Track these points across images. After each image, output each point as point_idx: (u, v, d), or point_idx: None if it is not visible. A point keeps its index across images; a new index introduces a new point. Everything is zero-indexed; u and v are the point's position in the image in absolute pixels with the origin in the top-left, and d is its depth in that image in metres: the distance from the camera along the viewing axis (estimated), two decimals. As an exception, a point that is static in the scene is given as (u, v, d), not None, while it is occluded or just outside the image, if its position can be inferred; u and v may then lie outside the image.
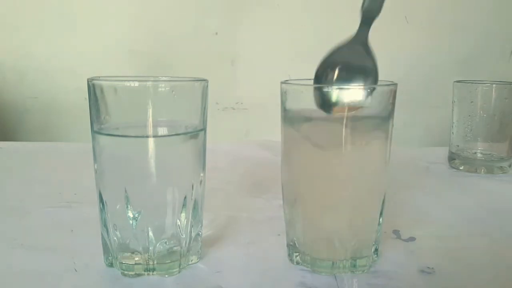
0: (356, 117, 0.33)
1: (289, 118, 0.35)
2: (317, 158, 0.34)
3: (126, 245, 0.34)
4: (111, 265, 0.35)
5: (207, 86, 0.35)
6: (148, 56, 0.99)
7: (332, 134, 0.33)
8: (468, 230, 0.44)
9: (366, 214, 0.35)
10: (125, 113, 0.34)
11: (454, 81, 0.65)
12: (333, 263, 0.34)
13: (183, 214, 0.35)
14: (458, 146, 0.65)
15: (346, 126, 0.33)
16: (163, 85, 0.34)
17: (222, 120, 0.98)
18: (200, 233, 0.37)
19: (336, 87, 0.34)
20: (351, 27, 0.36)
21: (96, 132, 0.34)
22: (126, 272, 0.34)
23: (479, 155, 0.64)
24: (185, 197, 0.34)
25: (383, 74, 0.36)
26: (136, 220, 0.33)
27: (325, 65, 0.37)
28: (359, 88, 0.35)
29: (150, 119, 0.33)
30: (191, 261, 0.36)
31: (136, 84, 0.33)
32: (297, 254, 0.36)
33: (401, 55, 0.97)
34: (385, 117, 0.34)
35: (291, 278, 0.34)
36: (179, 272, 0.35)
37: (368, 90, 0.34)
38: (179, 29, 0.98)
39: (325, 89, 0.34)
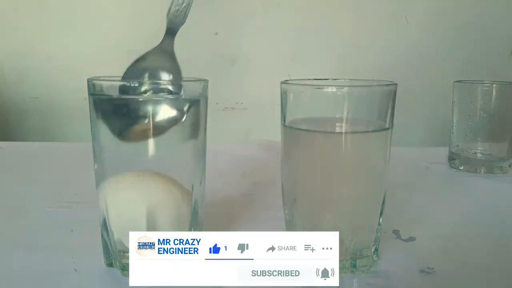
0: (356, 118, 0.33)
1: (289, 118, 0.35)
2: (317, 158, 0.34)
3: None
4: (111, 265, 0.35)
5: (207, 86, 0.35)
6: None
7: (331, 134, 0.33)
8: (468, 230, 0.44)
9: (366, 214, 0.35)
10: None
11: (454, 81, 0.65)
12: (333, 263, 0.34)
13: (183, 214, 0.34)
14: (458, 146, 0.65)
15: (346, 127, 0.33)
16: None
17: (222, 120, 0.98)
18: (200, 233, 0.37)
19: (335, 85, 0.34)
20: (351, 27, 0.36)
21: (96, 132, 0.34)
22: (126, 272, 0.34)
23: (479, 155, 0.64)
24: (185, 197, 0.34)
25: (383, 74, 0.36)
26: (136, 220, 0.33)
27: (129, 73, 0.37)
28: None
29: (150, 119, 0.33)
30: (191, 261, 0.36)
31: (136, 84, 0.33)
32: (297, 254, 0.36)
33: (401, 55, 0.97)
34: (385, 117, 0.34)
35: (291, 278, 0.34)
36: (179, 272, 0.35)
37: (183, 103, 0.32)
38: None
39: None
